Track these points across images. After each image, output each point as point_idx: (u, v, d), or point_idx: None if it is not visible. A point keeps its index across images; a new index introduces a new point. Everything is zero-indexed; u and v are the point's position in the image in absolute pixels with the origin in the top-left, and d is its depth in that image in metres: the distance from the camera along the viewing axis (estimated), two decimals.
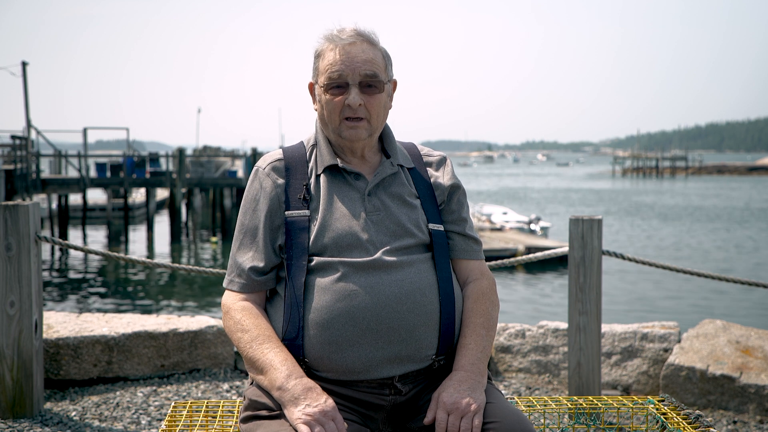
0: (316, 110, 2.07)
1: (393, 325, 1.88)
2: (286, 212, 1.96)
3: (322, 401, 1.78)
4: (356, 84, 1.95)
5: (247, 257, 1.97)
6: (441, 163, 2.13)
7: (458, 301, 2.00)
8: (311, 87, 2.07)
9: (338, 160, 2.00)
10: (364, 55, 1.96)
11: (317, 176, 2.00)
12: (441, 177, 2.10)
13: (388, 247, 1.93)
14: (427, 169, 2.11)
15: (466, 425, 1.78)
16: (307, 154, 2.05)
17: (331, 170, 2.01)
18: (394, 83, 2.07)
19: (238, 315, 1.94)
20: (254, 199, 2.00)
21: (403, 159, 2.08)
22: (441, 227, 2.03)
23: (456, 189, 2.10)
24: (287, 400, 1.79)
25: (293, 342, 1.90)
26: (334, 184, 1.99)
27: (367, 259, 1.91)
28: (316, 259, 1.92)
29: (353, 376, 1.89)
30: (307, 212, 1.96)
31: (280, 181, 1.99)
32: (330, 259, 1.91)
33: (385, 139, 2.09)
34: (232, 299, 1.98)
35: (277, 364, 1.84)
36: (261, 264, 1.96)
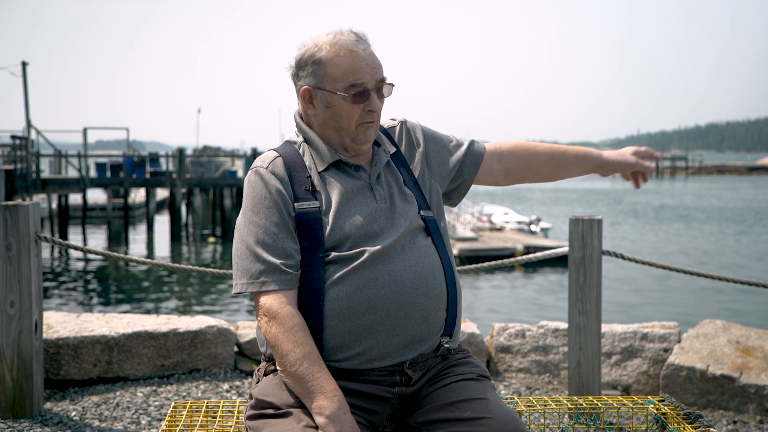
0: (311, 115, 2.03)
1: (409, 311, 1.91)
2: (296, 204, 1.94)
3: None
4: (374, 89, 1.98)
5: (277, 253, 1.91)
6: (407, 133, 2.16)
7: (459, 283, 2.06)
8: (307, 92, 2.01)
9: (340, 156, 2.02)
10: (376, 60, 2.00)
11: (319, 173, 2.00)
12: (417, 148, 2.14)
13: (398, 234, 1.96)
14: (400, 145, 2.14)
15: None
16: (300, 151, 2.04)
17: (332, 165, 2.02)
18: None
19: (290, 322, 1.86)
20: (263, 197, 1.94)
21: (387, 146, 2.11)
22: (431, 213, 2.07)
23: (425, 142, 2.15)
24: (335, 430, 1.78)
25: (312, 335, 1.89)
26: (339, 177, 2.00)
27: (384, 246, 1.93)
28: (333, 252, 1.92)
29: (368, 364, 1.90)
30: (316, 203, 1.95)
31: (284, 176, 1.98)
32: (348, 252, 1.92)
33: None
34: (277, 302, 1.88)
35: (328, 392, 1.81)
36: (297, 257, 1.92)
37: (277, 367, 1.91)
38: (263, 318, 1.90)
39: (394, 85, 2.04)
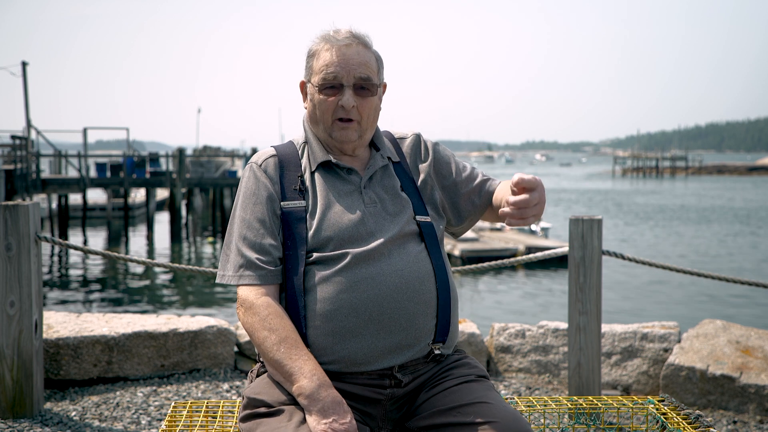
0: (306, 108, 2.11)
1: (394, 315, 1.91)
2: (282, 203, 1.98)
3: (348, 420, 1.78)
4: (350, 86, 1.99)
5: (255, 248, 1.95)
6: (416, 145, 2.16)
7: (453, 289, 2.04)
8: (302, 85, 2.11)
9: (331, 156, 2.04)
10: (359, 58, 2.00)
11: (312, 173, 2.03)
12: (424, 162, 2.14)
13: (385, 238, 1.96)
14: (406, 155, 2.14)
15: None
16: (299, 151, 2.08)
17: (324, 166, 2.04)
18: (384, 86, 2.11)
19: (264, 311, 1.89)
20: (253, 193, 2.00)
21: (389, 152, 2.12)
22: (428, 218, 2.07)
23: (434, 158, 2.14)
24: (316, 410, 1.78)
25: None
26: (329, 179, 2.02)
27: (368, 249, 1.93)
28: (316, 253, 1.94)
29: (355, 368, 1.90)
30: (303, 203, 1.98)
31: (274, 175, 2.02)
32: (330, 253, 1.93)
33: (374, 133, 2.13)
34: (253, 294, 1.92)
35: (307, 372, 1.82)
36: (275, 253, 1.95)
37: (260, 358, 1.94)
38: (240, 309, 1.95)
39: (379, 86, 2.03)
